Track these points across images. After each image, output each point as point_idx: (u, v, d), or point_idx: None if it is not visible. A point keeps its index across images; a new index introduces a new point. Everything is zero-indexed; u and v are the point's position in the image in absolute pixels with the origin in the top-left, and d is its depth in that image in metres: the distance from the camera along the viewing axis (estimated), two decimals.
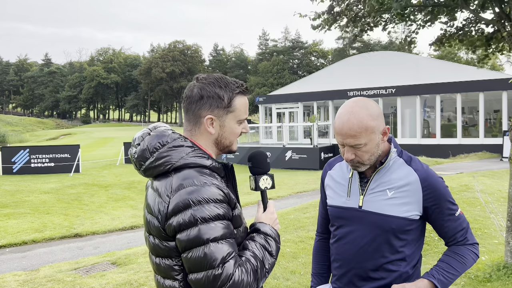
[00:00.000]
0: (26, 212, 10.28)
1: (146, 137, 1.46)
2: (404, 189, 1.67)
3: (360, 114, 1.62)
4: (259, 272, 1.35)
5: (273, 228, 1.50)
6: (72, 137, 52.97)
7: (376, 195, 1.70)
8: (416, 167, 1.70)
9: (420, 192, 1.66)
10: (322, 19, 6.07)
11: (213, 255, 1.26)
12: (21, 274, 5.68)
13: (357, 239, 1.72)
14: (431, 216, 1.70)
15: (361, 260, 1.72)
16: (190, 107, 1.48)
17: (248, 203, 11.34)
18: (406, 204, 1.66)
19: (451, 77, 21.88)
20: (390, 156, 1.71)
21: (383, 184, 1.70)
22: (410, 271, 1.71)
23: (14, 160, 17.43)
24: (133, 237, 8.13)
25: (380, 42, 71.95)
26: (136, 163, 1.45)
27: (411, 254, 1.72)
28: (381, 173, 1.72)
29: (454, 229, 1.72)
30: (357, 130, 1.61)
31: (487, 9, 5.39)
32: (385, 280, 1.69)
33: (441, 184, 1.69)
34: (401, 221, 1.66)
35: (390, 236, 1.67)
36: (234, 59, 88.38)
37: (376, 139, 1.65)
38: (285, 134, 23.51)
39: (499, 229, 6.19)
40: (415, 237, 1.73)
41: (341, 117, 1.66)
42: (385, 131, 1.69)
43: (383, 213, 1.67)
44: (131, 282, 4.95)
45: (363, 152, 1.65)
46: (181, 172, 1.37)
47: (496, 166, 14.62)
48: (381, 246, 1.69)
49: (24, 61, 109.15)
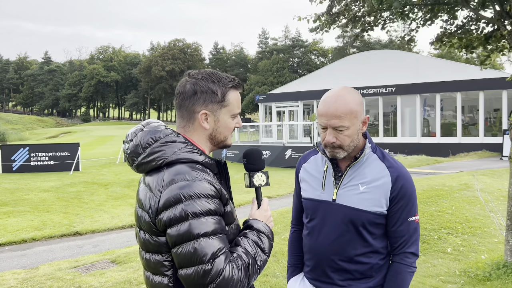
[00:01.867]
0: (26, 210, 10.28)
1: (139, 133, 1.45)
2: (375, 185, 1.73)
3: (347, 97, 1.69)
4: (250, 268, 1.34)
5: (266, 225, 1.50)
6: (72, 135, 52.95)
7: (349, 189, 1.76)
8: (389, 164, 1.76)
9: (389, 188, 1.72)
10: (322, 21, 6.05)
11: (203, 250, 1.25)
12: (20, 272, 5.68)
13: (330, 232, 1.77)
14: (390, 213, 1.74)
15: (333, 252, 1.77)
16: (184, 103, 1.47)
17: (248, 202, 11.34)
18: (376, 199, 1.72)
19: (451, 76, 21.86)
20: (365, 151, 1.76)
21: (356, 179, 1.76)
22: (381, 262, 1.78)
23: (14, 158, 17.43)
24: (133, 235, 8.12)
25: (380, 41, 71.86)
26: (129, 159, 1.45)
27: (381, 247, 1.78)
28: (355, 168, 1.77)
29: (403, 233, 1.75)
30: (343, 111, 1.67)
31: (488, 7, 5.38)
32: (356, 271, 1.76)
33: (410, 185, 1.75)
34: (371, 215, 1.72)
35: (361, 229, 1.73)
36: (234, 58, 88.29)
37: (357, 125, 1.71)
38: (285, 132, 23.51)
39: (499, 228, 6.19)
40: (384, 231, 1.78)
41: (328, 99, 1.72)
42: (365, 121, 1.76)
43: (355, 207, 1.73)
44: (131, 280, 4.94)
45: (345, 136, 1.69)
46: (173, 167, 1.36)
47: (496, 165, 14.61)
48: (353, 239, 1.74)
49: (24, 59, 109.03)
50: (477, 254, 5.20)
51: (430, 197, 7.89)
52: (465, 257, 5.14)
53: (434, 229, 6.15)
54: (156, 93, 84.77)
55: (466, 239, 5.75)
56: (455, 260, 5.04)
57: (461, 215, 6.74)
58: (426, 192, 8.36)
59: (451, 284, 4.39)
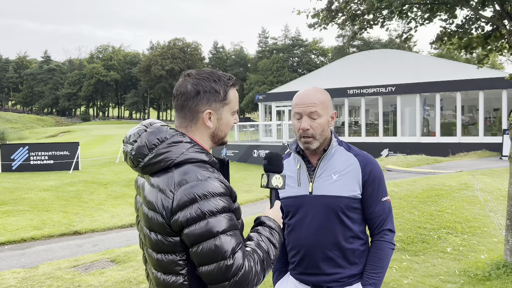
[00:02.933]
0: (25, 210, 10.28)
1: (143, 134, 1.44)
2: (346, 171, 1.89)
3: (318, 91, 1.93)
4: (265, 262, 1.40)
5: (276, 223, 1.55)
6: (71, 134, 52.93)
7: (323, 180, 1.90)
8: (356, 153, 1.94)
9: (360, 173, 1.89)
10: (320, 16, 6.05)
11: (223, 247, 1.28)
12: (20, 271, 5.68)
13: (312, 222, 1.89)
14: (365, 197, 1.90)
15: (317, 241, 1.88)
16: (186, 103, 1.47)
17: (247, 201, 11.34)
18: (349, 184, 1.88)
19: (451, 76, 21.86)
20: (332, 144, 1.94)
21: (328, 170, 1.91)
22: (361, 248, 1.92)
23: (13, 158, 17.42)
24: (132, 234, 8.13)
25: (380, 40, 71.84)
26: (133, 160, 1.43)
27: (360, 231, 1.92)
28: (325, 160, 1.93)
29: (380, 213, 1.91)
30: (317, 100, 1.88)
31: (487, 7, 5.37)
32: (341, 258, 1.88)
33: (378, 169, 1.93)
34: (347, 200, 1.87)
35: (340, 214, 1.86)
36: (233, 57, 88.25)
37: (328, 116, 1.91)
38: (284, 132, 23.52)
39: (499, 228, 6.19)
40: (362, 216, 1.93)
41: (302, 92, 1.94)
42: (333, 116, 1.95)
43: (331, 194, 1.87)
44: (130, 279, 4.94)
45: (318, 124, 1.87)
46: (182, 167, 1.37)
47: (495, 165, 14.61)
48: (334, 226, 1.87)
49: (24, 58, 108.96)
50: (476, 254, 5.20)
51: (429, 196, 7.89)
52: (464, 257, 5.14)
53: (433, 228, 6.15)
54: (155, 92, 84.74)
55: (465, 239, 5.74)
56: (455, 260, 5.04)
57: (461, 215, 6.74)
58: (426, 191, 8.36)
59: (450, 283, 4.39)
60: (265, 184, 1.65)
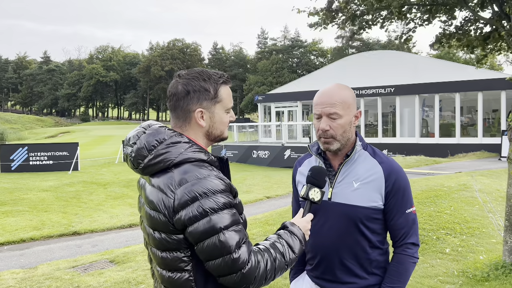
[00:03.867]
0: (25, 210, 10.27)
1: (142, 136, 1.47)
2: (368, 179, 1.78)
3: (340, 89, 1.81)
4: (277, 262, 1.41)
5: (301, 230, 1.56)
6: (70, 135, 52.91)
7: (344, 187, 1.80)
8: (381, 160, 1.81)
9: (383, 183, 1.77)
10: (320, 16, 6.06)
11: (228, 242, 1.31)
12: (19, 272, 5.68)
13: (329, 230, 1.81)
14: (387, 208, 1.79)
15: (334, 249, 1.81)
16: (178, 104, 1.50)
17: (246, 201, 11.35)
18: (371, 194, 1.77)
19: (450, 77, 21.88)
20: (356, 149, 1.82)
21: (349, 176, 1.81)
22: (380, 258, 1.83)
23: (12, 158, 17.41)
24: (132, 235, 8.12)
25: (379, 41, 71.93)
26: (134, 162, 1.46)
27: (379, 241, 1.82)
28: (347, 165, 1.82)
29: (403, 225, 1.80)
30: (337, 99, 1.76)
31: (486, 8, 5.39)
32: (358, 267, 1.80)
33: (403, 179, 1.80)
34: (368, 211, 1.76)
35: (359, 224, 1.77)
36: (233, 58, 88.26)
37: (350, 116, 1.79)
38: (284, 133, 23.54)
39: (497, 229, 6.20)
40: (383, 226, 1.83)
41: (323, 91, 1.83)
42: (357, 115, 1.83)
43: (351, 203, 1.77)
44: (129, 280, 4.94)
45: (338, 124, 1.76)
46: (181, 167, 1.40)
47: (494, 166, 14.63)
48: (352, 235, 1.78)
49: (23, 58, 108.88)
50: (475, 255, 5.21)
51: (428, 197, 7.90)
52: (463, 258, 5.15)
53: (432, 229, 6.15)
54: (155, 93, 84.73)
55: (464, 240, 5.75)
56: (454, 261, 5.05)
57: (460, 216, 6.75)
58: (425, 192, 8.37)
59: (449, 284, 4.39)
60: (303, 194, 1.68)
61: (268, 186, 14.03)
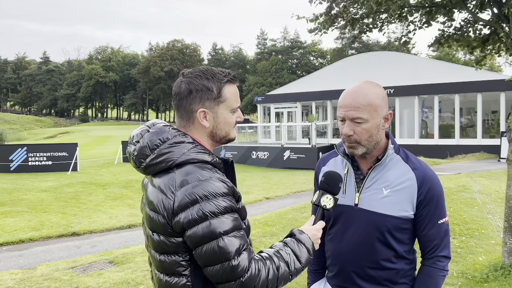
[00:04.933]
0: (24, 211, 10.25)
1: (146, 134, 1.43)
2: (400, 187, 1.65)
3: (367, 89, 1.64)
4: (280, 271, 1.35)
5: (309, 240, 1.49)
6: (70, 135, 52.87)
7: (372, 193, 1.67)
8: (414, 166, 1.68)
9: (416, 192, 1.64)
10: (320, 21, 6.06)
11: (227, 248, 1.26)
12: (18, 272, 5.67)
13: (353, 237, 1.70)
14: (419, 218, 1.67)
15: (357, 257, 1.70)
16: (181, 103, 1.46)
17: (246, 202, 11.35)
18: (402, 203, 1.64)
19: (449, 78, 21.91)
20: (387, 152, 1.69)
21: (379, 182, 1.67)
22: (406, 267, 1.71)
23: (11, 158, 17.38)
24: (131, 236, 8.11)
25: (378, 42, 72.01)
26: (136, 161, 1.43)
27: (406, 251, 1.70)
28: (377, 170, 1.69)
29: (434, 237, 1.68)
30: (361, 102, 1.61)
31: (485, 10, 5.40)
32: (382, 277, 1.68)
33: (437, 187, 1.66)
34: (396, 220, 1.64)
35: (386, 234, 1.65)
36: (232, 59, 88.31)
37: (377, 119, 1.63)
38: (283, 133, 23.52)
39: (497, 230, 6.21)
40: (411, 235, 1.71)
41: (348, 91, 1.67)
42: (387, 117, 1.67)
43: (379, 211, 1.65)
44: (129, 281, 4.94)
45: (362, 129, 1.62)
46: (183, 168, 1.35)
47: (493, 167, 14.65)
48: (377, 244, 1.66)
49: (23, 59, 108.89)
50: (474, 256, 5.21)
51: None
52: (462, 259, 5.15)
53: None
54: (154, 94, 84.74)
55: (464, 241, 5.76)
56: (453, 262, 5.05)
57: (459, 217, 6.75)
58: None
59: (448, 285, 4.40)
60: (314, 201, 1.60)
61: (267, 187, 14.02)
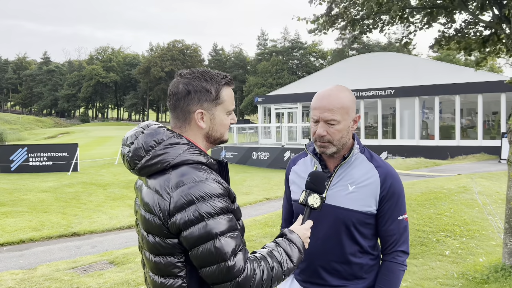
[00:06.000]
0: (24, 211, 10.26)
1: (140, 136, 1.43)
2: (364, 183, 1.75)
3: (340, 94, 1.75)
4: (274, 271, 1.36)
5: (300, 239, 1.51)
6: (70, 135, 52.88)
7: (338, 190, 1.77)
8: (377, 164, 1.79)
9: (378, 188, 1.74)
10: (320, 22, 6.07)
11: (223, 249, 1.27)
12: (18, 272, 5.67)
13: (320, 232, 1.77)
14: (380, 213, 1.77)
15: (324, 252, 1.78)
16: (178, 104, 1.46)
17: (246, 203, 11.35)
18: (365, 198, 1.74)
19: (449, 79, 21.91)
20: (353, 151, 1.78)
21: (345, 179, 1.77)
22: (371, 262, 1.81)
23: (12, 159, 17.40)
24: (131, 236, 8.12)
25: (379, 43, 72.03)
26: (130, 162, 1.42)
27: (370, 246, 1.80)
28: (343, 168, 1.79)
29: (394, 232, 1.77)
30: (336, 105, 1.71)
31: (486, 11, 5.40)
32: (347, 272, 1.78)
33: (398, 184, 1.78)
34: (360, 215, 1.74)
35: (351, 228, 1.74)
36: (233, 59, 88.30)
37: (348, 121, 1.75)
38: (283, 134, 23.53)
39: (497, 231, 6.21)
40: (374, 231, 1.80)
41: (321, 94, 1.77)
42: (356, 119, 1.79)
43: (344, 206, 1.74)
44: (129, 281, 4.94)
45: (335, 130, 1.72)
46: (178, 169, 1.35)
47: (494, 168, 14.65)
48: (343, 239, 1.75)
49: (23, 59, 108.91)
50: (475, 257, 5.21)
51: (428, 199, 7.90)
52: (463, 260, 5.15)
53: (432, 231, 6.16)
54: (155, 94, 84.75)
55: (464, 242, 5.76)
56: (453, 263, 5.05)
57: (460, 218, 6.75)
58: (425, 194, 8.37)
59: (449, 286, 4.40)
60: (301, 200, 1.64)
61: (267, 188, 14.03)
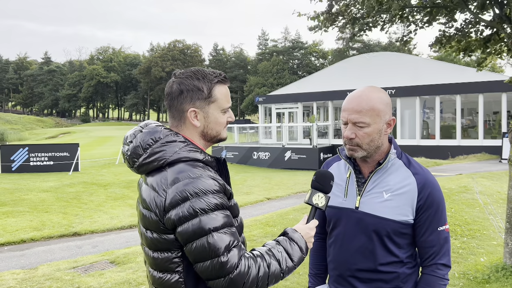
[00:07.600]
0: (25, 211, 10.27)
1: (138, 134, 1.47)
2: (400, 192, 1.66)
3: (371, 95, 1.66)
4: (271, 269, 1.36)
5: (302, 238, 1.50)
6: (71, 135, 52.91)
7: (373, 197, 1.69)
8: (415, 171, 1.69)
9: (415, 196, 1.65)
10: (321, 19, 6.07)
11: (216, 244, 1.28)
12: (19, 272, 5.68)
13: (352, 241, 1.71)
14: (418, 223, 1.67)
15: (356, 261, 1.70)
16: (172, 103, 1.49)
17: (247, 203, 11.34)
18: (402, 207, 1.65)
19: (450, 78, 21.89)
20: (389, 157, 1.70)
21: (380, 186, 1.69)
22: (408, 271, 1.70)
23: (13, 159, 17.41)
24: (132, 236, 8.12)
25: (380, 43, 71.99)
26: (129, 161, 1.46)
27: (407, 256, 1.70)
28: (378, 174, 1.70)
29: (433, 243, 1.67)
30: (364, 107, 1.63)
31: (487, 11, 5.39)
32: (382, 281, 1.68)
33: (437, 193, 1.67)
34: (396, 225, 1.65)
35: (385, 238, 1.66)
36: (234, 59, 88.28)
37: (379, 124, 1.65)
38: (284, 134, 23.52)
39: (498, 231, 6.20)
40: (410, 241, 1.71)
41: (352, 95, 1.70)
42: (390, 123, 1.69)
43: (379, 215, 1.66)
44: (130, 281, 4.95)
45: (364, 133, 1.64)
46: (175, 166, 1.38)
47: (495, 168, 14.63)
48: (377, 248, 1.67)
49: (24, 59, 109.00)
50: (476, 257, 5.21)
51: None
52: (464, 260, 5.14)
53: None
54: (155, 94, 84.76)
55: (465, 242, 5.75)
56: (454, 263, 5.05)
57: (461, 218, 6.75)
58: None
59: (450, 286, 4.39)
60: (306, 200, 1.61)
61: (268, 188, 14.02)
